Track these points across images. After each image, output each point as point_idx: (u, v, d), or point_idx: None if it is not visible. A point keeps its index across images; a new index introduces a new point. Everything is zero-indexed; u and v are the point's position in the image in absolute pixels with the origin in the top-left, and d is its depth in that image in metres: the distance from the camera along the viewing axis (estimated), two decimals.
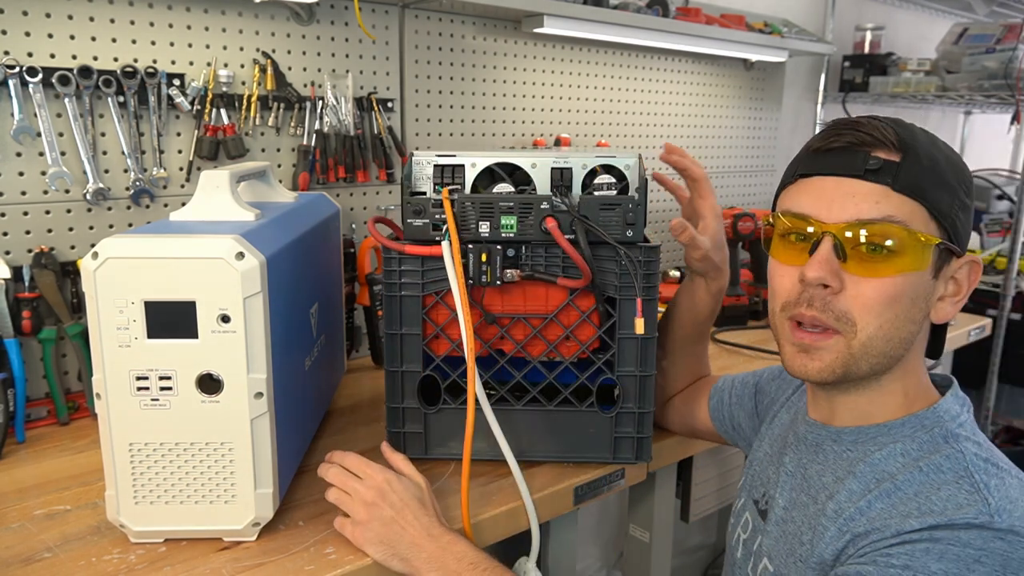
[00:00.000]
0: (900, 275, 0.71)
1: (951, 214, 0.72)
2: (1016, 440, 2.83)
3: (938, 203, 0.71)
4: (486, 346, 1.03)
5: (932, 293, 0.74)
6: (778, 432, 0.92)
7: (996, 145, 3.36)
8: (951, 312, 0.76)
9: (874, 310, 0.72)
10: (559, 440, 1.06)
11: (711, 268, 1.08)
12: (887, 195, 0.71)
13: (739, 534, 0.91)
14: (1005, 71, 2.28)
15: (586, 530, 1.76)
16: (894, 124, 0.74)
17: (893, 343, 0.73)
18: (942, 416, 0.75)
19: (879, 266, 0.71)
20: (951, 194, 0.72)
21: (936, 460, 0.71)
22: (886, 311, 0.72)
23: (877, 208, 0.70)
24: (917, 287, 0.72)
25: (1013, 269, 2.36)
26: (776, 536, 0.81)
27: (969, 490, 0.67)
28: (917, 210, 0.71)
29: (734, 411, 1.06)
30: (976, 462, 0.70)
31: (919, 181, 0.71)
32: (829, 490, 0.76)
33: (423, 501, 0.88)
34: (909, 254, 0.71)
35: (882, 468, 0.73)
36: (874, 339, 0.72)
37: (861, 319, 0.72)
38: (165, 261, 0.80)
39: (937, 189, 0.71)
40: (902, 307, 0.72)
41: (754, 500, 0.90)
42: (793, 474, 0.83)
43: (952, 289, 0.75)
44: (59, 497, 0.98)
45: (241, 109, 1.37)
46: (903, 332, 0.73)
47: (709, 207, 1.08)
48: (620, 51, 1.98)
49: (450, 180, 0.98)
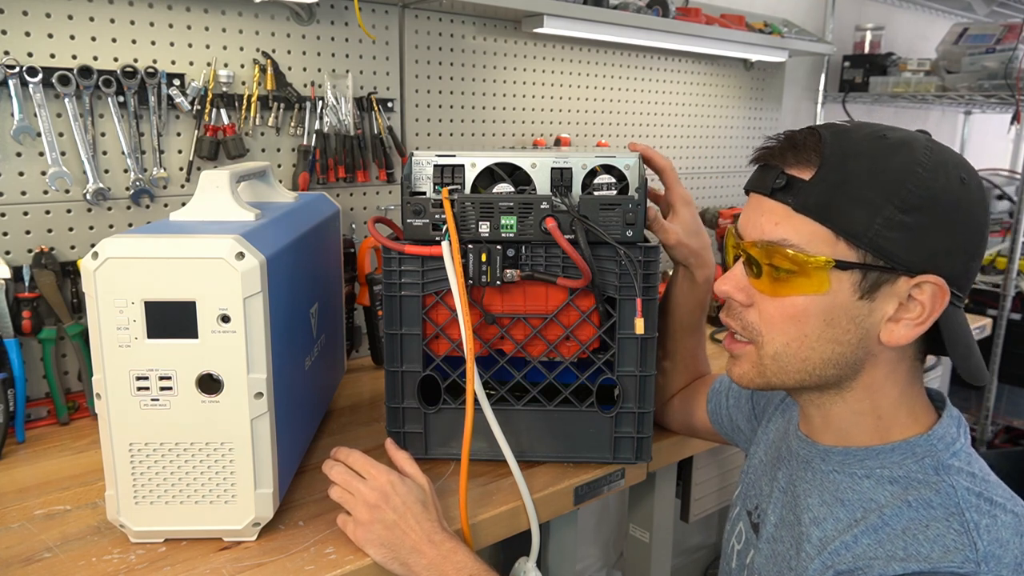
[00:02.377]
0: (800, 296, 0.71)
1: (868, 234, 0.67)
2: (1016, 440, 2.83)
3: (846, 224, 0.68)
4: (486, 346, 1.03)
5: (868, 315, 0.70)
6: (772, 439, 0.92)
7: (996, 145, 3.37)
8: (903, 335, 0.70)
9: (776, 327, 0.73)
10: (559, 440, 1.06)
11: (691, 255, 1.08)
12: (788, 215, 0.70)
13: (734, 543, 0.91)
14: (1005, 71, 2.28)
15: (586, 530, 1.76)
16: (830, 135, 0.71)
17: (812, 362, 0.73)
18: (935, 445, 0.72)
19: (778, 286, 0.72)
20: (870, 212, 0.67)
21: (926, 495, 0.68)
22: (790, 329, 0.72)
23: (775, 229, 0.71)
24: (830, 309, 0.70)
25: (1013, 269, 2.36)
26: (767, 555, 0.81)
27: (959, 530, 0.65)
28: (819, 232, 0.69)
29: (732, 413, 1.06)
30: (968, 498, 0.67)
31: (822, 201, 0.68)
32: (814, 513, 0.75)
33: (426, 504, 0.88)
34: (807, 277, 0.70)
35: (870, 498, 0.71)
36: (782, 355, 0.73)
37: (766, 333, 0.74)
38: (165, 261, 0.80)
39: (848, 209, 0.68)
40: (811, 327, 0.71)
41: (748, 511, 0.89)
42: (784, 490, 0.82)
43: (916, 311, 0.69)
44: (59, 497, 0.98)
45: (241, 109, 1.37)
46: (824, 352, 0.72)
47: (677, 196, 1.08)
48: (620, 51, 1.98)
49: (450, 180, 0.98)
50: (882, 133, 0.71)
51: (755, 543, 0.84)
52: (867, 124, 0.73)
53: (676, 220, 1.07)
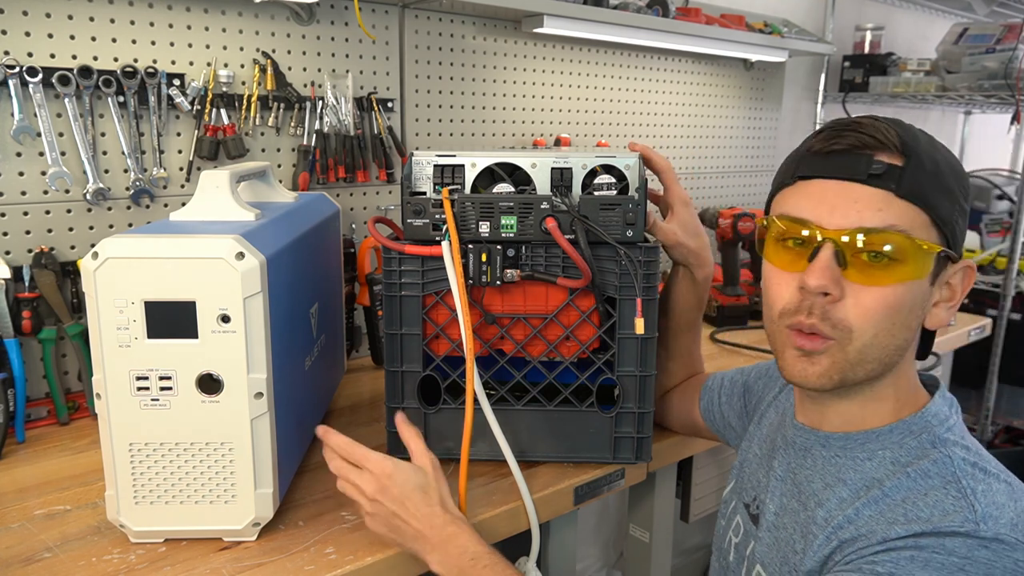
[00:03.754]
0: (900, 284, 0.70)
1: (951, 220, 0.71)
2: (1016, 440, 2.83)
3: (940, 209, 0.70)
4: (486, 346, 1.03)
5: (928, 299, 0.73)
6: (766, 433, 0.92)
7: (996, 145, 3.37)
8: (945, 318, 0.75)
9: (872, 319, 0.70)
10: (559, 440, 1.06)
11: (689, 255, 1.08)
12: (890, 201, 0.69)
13: (731, 537, 0.91)
14: (1005, 71, 2.28)
15: (586, 530, 1.76)
16: (896, 125, 0.72)
17: (888, 350, 0.72)
18: (930, 421, 0.74)
19: (879, 274, 0.69)
20: (952, 200, 0.71)
21: (924, 465, 0.70)
22: (884, 320, 0.70)
23: (880, 215, 0.69)
24: (916, 295, 0.71)
25: (1013, 269, 2.36)
26: (769, 543, 0.81)
27: (956, 496, 0.67)
28: (919, 217, 0.69)
29: (724, 410, 1.07)
30: (964, 467, 0.69)
31: (922, 187, 0.69)
32: (818, 497, 0.76)
33: (426, 490, 0.87)
34: (910, 263, 0.69)
35: (871, 475, 0.73)
36: (869, 347, 0.71)
37: (858, 327, 0.71)
38: (165, 261, 0.80)
39: (939, 195, 0.70)
40: (900, 315, 0.71)
41: (745, 504, 0.90)
42: (783, 479, 0.83)
43: (947, 294, 0.74)
44: (59, 497, 0.98)
45: (241, 109, 1.37)
46: (899, 340, 0.72)
47: (676, 196, 1.08)
48: (620, 51, 1.98)
49: (450, 180, 0.98)
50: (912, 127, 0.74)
51: (755, 534, 0.85)
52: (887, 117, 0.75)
53: (675, 220, 1.08)
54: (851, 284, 0.70)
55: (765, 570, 0.80)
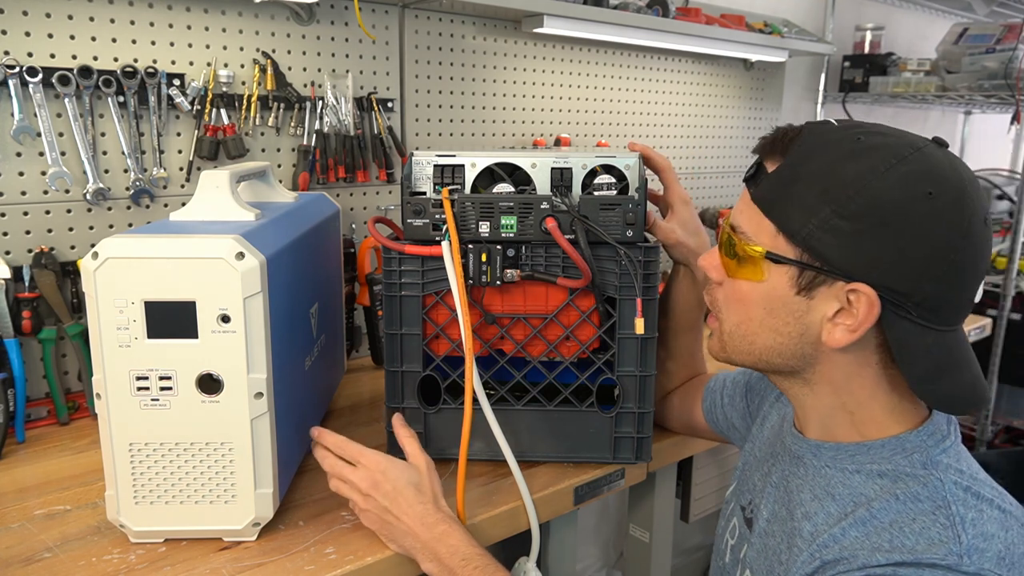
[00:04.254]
0: (744, 281, 0.75)
1: (802, 233, 0.69)
2: (1016, 440, 2.83)
3: (785, 220, 0.70)
4: (486, 346, 1.03)
5: (807, 311, 0.71)
6: (767, 436, 0.92)
7: (996, 145, 3.37)
8: (839, 339, 0.70)
9: (729, 307, 0.78)
10: (559, 440, 1.06)
11: (690, 255, 1.09)
12: (748, 204, 0.75)
13: (727, 539, 0.91)
14: (1005, 71, 2.28)
15: (586, 530, 1.76)
16: (809, 131, 0.73)
17: (757, 347, 0.76)
18: (925, 440, 0.72)
19: (733, 268, 0.76)
20: (807, 213, 0.68)
21: (914, 489, 0.69)
22: (738, 311, 0.77)
23: (739, 215, 0.76)
24: (769, 299, 0.73)
25: (1013, 269, 2.36)
26: (758, 549, 0.81)
27: (944, 524, 0.65)
28: (764, 223, 0.72)
29: (728, 412, 1.06)
30: (956, 492, 0.68)
31: (770, 195, 0.72)
32: (806, 508, 0.75)
33: (419, 487, 0.88)
34: (748, 264, 0.74)
35: (860, 492, 0.72)
36: (734, 334, 0.78)
37: (724, 312, 0.80)
38: (165, 261, 0.80)
39: (789, 206, 0.70)
40: (753, 312, 0.75)
41: (741, 506, 0.90)
42: (777, 486, 0.82)
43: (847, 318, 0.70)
44: (59, 497, 0.98)
45: (241, 109, 1.37)
46: (766, 340, 0.75)
47: (675, 195, 1.09)
48: (620, 51, 1.98)
49: (450, 180, 0.98)
50: (858, 136, 0.70)
51: (748, 538, 0.85)
52: (860, 124, 0.73)
53: (675, 219, 1.08)
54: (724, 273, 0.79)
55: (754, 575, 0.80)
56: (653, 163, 1.07)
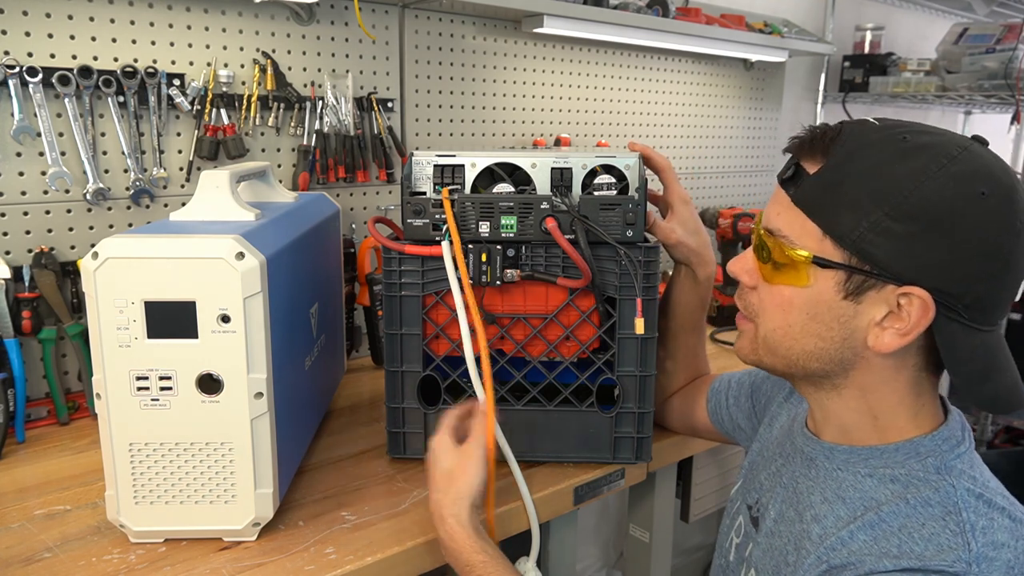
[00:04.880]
0: (787, 286, 0.73)
1: (852, 236, 0.67)
2: (1016, 440, 2.83)
3: (834, 224, 0.68)
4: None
5: (854, 316, 0.70)
6: (776, 436, 0.92)
7: (996, 145, 3.35)
8: (888, 344, 0.68)
9: (767, 312, 0.76)
10: (559, 440, 1.06)
11: (691, 254, 1.08)
12: (788, 207, 0.72)
13: (732, 537, 0.91)
14: (1005, 71, 2.28)
15: (586, 530, 1.76)
16: (850, 130, 0.70)
17: (795, 352, 0.74)
18: (940, 446, 0.72)
19: (771, 273, 0.74)
20: (859, 215, 0.66)
21: (925, 494, 0.68)
22: (779, 316, 0.74)
23: (776, 218, 0.73)
24: (813, 304, 0.71)
25: None
26: (765, 548, 0.81)
27: (954, 531, 0.64)
28: (807, 226, 0.70)
29: (733, 412, 1.06)
30: (967, 499, 0.67)
31: (815, 197, 0.69)
32: (815, 511, 0.75)
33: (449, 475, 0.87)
34: (790, 269, 0.72)
35: (871, 496, 0.71)
36: (771, 339, 0.76)
37: (761, 316, 0.77)
38: (165, 261, 0.80)
39: (838, 209, 0.67)
40: (797, 318, 0.73)
41: (748, 505, 0.89)
42: (786, 487, 0.82)
43: (898, 322, 0.68)
44: (59, 497, 0.98)
45: (241, 109, 1.37)
46: (806, 345, 0.73)
47: (675, 195, 1.08)
48: (620, 51, 1.98)
49: (450, 180, 0.98)
50: (904, 135, 0.68)
51: (754, 536, 0.85)
52: (901, 123, 0.71)
53: (675, 219, 1.08)
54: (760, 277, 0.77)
55: (759, 575, 0.80)
56: (653, 163, 1.07)
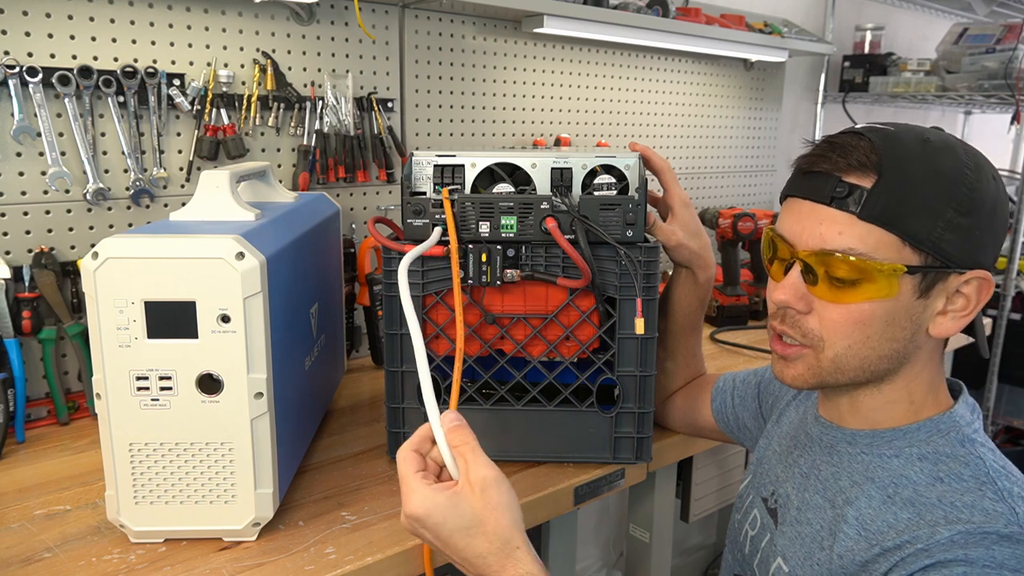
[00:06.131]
0: (866, 301, 0.71)
1: (931, 238, 0.69)
2: (1016, 440, 2.83)
3: (912, 230, 0.69)
4: (486, 346, 1.03)
5: (923, 311, 0.73)
6: (787, 430, 0.92)
7: (996, 145, 3.36)
8: (952, 328, 0.73)
9: (840, 332, 0.73)
10: (559, 440, 1.06)
11: (692, 256, 1.08)
12: (851, 224, 0.70)
13: (747, 531, 0.91)
14: (1005, 71, 2.28)
15: (586, 530, 1.76)
16: (880, 140, 0.71)
17: (870, 360, 0.74)
18: (958, 421, 0.75)
19: (843, 293, 0.72)
20: (933, 217, 0.69)
21: (956, 468, 0.71)
22: (854, 332, 0.73)
23: (839, 239, 0.71)
24: (893, 310, 0.72)
25: (1013, 269, 2.36)
26: (791, 537, 0.81)
27: (994, 498, 0.67)
28: (884, 238, 0.70)
29: (739, 412, 1.06)
30: (997, 468, 0.70)
31: (888, 209, 0.69)
32: (846, 494, 0.76)
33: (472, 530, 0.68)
34: (873, 283, 0.70)
35: (901, 474, 0.73)
36: (843, 357, 0.74)
37: (828, 338, 0.74)
38: (165, 261, 0.80)
39: (912, 215, 0.69)
40: (874, 329, 0.72)
41: (763, 498, 0.90)
42: (807, 475, 0.83)
43: (960, 304, 0.73)
44: (59, 497, 0.98)
45: (241, 109, 1.37)
46: (882, 350, 0.73)
47: (675, 197, 1.08)
48: (620, 51, 1.98)
49: (450, 180, 0.98)
50: (923, 136, 0.72)
51: (772, 528, 0.85)
52: (901, 125, 0.74)
53: (675, 222, 1.07)
54: (818, 300, 0.74)
55: (787, 563, 0.80)
56: (652, 164, 1.07)
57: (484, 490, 0.68)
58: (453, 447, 0.71)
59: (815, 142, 0.76)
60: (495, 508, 0.68)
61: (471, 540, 0.67)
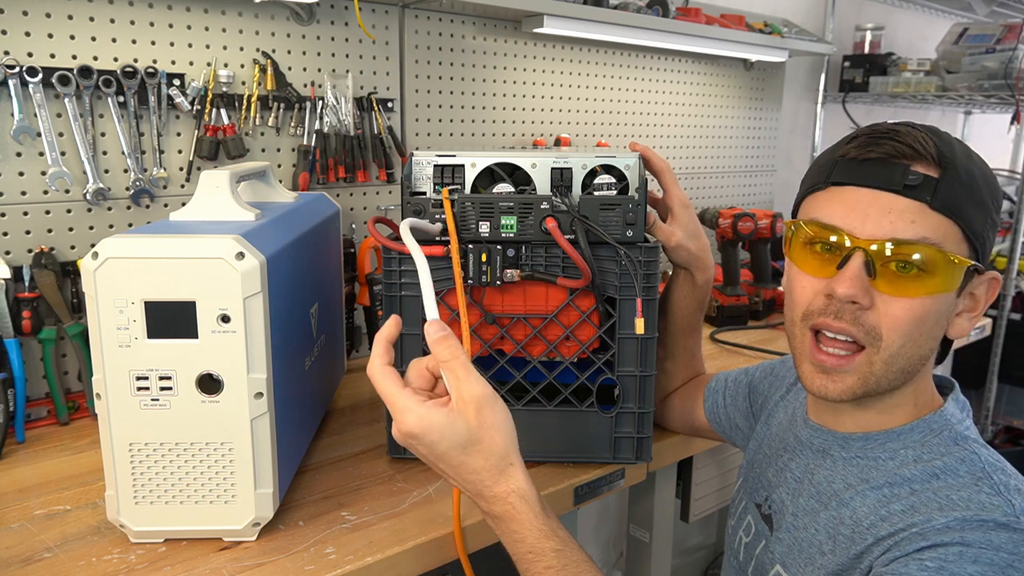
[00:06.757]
0: (929, 296, 0.70)
1: (983, 234, 0.70)
2: (1016, 440, 2.83)
3: (973, 223, 0.69)
4: (486, 346, 1.03)
5: (952, 310, 0.73)
6: (775, 432, 0.92)
7: (996, 145, 3.36)
8: (967, 328, 0.74)
9: (901, 329, 0.70)
10: (559, 440, 1.06)
11: (691, 258, 1.08)
12: (924, 213, 0.68)
13: (741, 537, 0.91)
14: (1005, 71, 2.28)
15: (586, 530, 1.76)
16: (934, 135, 0.71)
17: (913, 360, 0.73)
18: (949, 419, 0.75)
19: (909, 286, 0.69)
20: (985, 213, 0.70)
21: (951, 464, 0.71)
22: (912, 330, 0.70)
23: (912, 227, 0.68)
24: (943, 306, 0.71)
25: (1013, 269, 2.36)
26: (789, 543, 0.80)
27: (990, 492, 0.67)
28: (951, 230, 0.69)
29: (730, 412, 1.06)
30: (992, 463, 0.70)
31: (957, 200, 0.68)
32: (841, 497, 0.76)
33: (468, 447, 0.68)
34: (940, 276, 0.69)
35: (896, 473, 0.73)
36: (896, 357, 0.71)
37: (888, 336, 0.71)
38: (165, 261, 0.80)
39: (973, 209, 0.69)
40: (927, 326, 0.71)
41: (756, 504, 0.89)
42: (800, 480, 0.82)
43: (969, 304, 0.74)
44: (59, 497, 0.98)
45: (241, 109, 1.37)
46: (924, 350, 0.73)
47: (675, 198, 1.08)
48: (620, 51, 1.98)
49: (450, 180, 0.98)
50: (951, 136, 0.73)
51: (767, 535, 0.85)
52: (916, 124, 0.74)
53: (675, 223, 1.07)
54: (880, 294, 0.70)
55: (787, 570, 0.79)
56: (652, 165, 1.07)
57: (479, 409, 0.68)
58: (443, 363, 0.70)
59: (860, 132, 0.73)
60: (491, 427, 0.68)
61: (466, 458, 0.68)
